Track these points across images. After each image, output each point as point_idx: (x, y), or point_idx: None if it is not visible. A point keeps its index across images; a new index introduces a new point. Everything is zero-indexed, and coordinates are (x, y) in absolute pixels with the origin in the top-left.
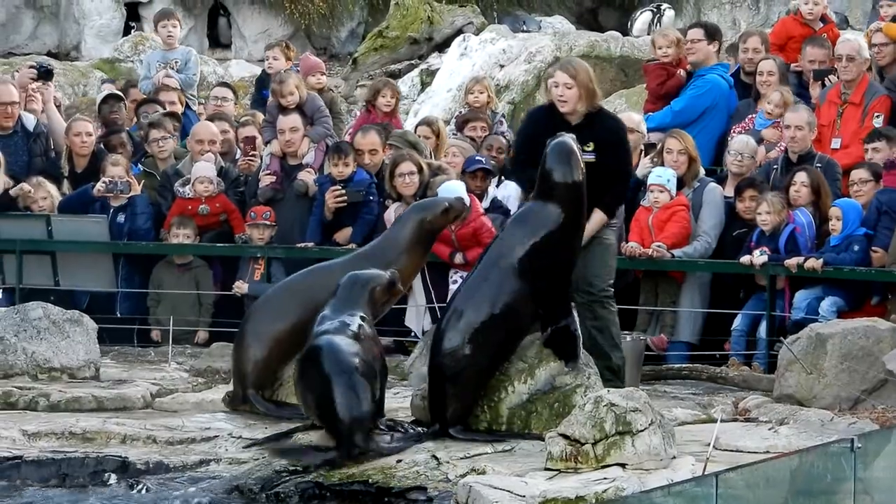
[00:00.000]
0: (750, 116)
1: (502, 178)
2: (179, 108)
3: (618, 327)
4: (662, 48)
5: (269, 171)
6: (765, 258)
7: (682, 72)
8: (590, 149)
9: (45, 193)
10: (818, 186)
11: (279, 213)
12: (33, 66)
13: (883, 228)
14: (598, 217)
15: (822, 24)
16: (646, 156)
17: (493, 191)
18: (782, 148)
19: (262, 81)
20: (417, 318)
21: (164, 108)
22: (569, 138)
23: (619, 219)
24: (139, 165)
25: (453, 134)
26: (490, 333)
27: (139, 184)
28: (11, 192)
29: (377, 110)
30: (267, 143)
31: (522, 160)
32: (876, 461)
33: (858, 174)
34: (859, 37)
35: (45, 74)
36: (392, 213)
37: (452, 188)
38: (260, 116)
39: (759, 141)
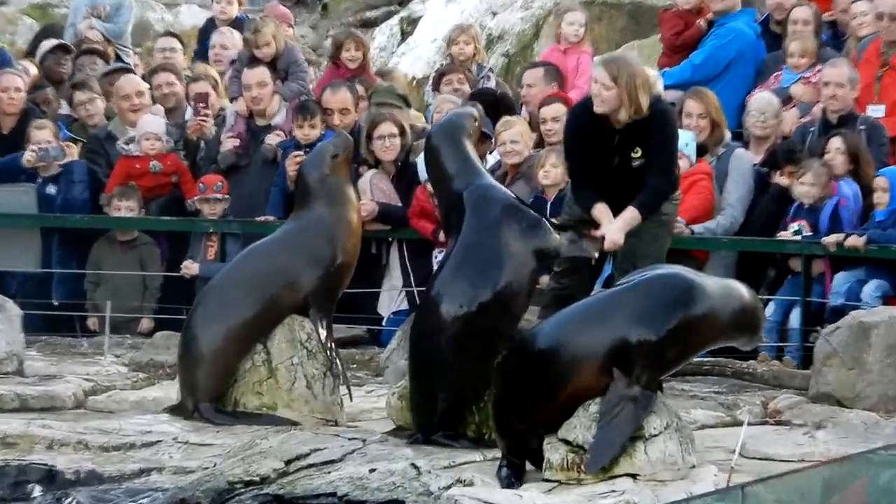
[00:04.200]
0: (776, 74)
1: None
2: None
3: None
4: None
5: (232, 134)
6: (797, 234)
7: (701, 21)
8: (637, 154)
9: None
10: (856, 153)
11: (244, 183)
12: None
13: None
14: (628, 214)
15: None
16: None
17: (490, 158)
18: (819, 108)
19: (206, 31)
20: (392, 303)
21: (108, 62)
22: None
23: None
24: (66, 131)
25: (431, 92)
26: (477, 322)
27: (76, 148)
28: None
29: (343, 66)
30: (232, 99)
31: (574, 170)
32: None
33: None
34: None
35: None
36: (367, 181)
37: None
38: (211, 70)
39: (788, 99)
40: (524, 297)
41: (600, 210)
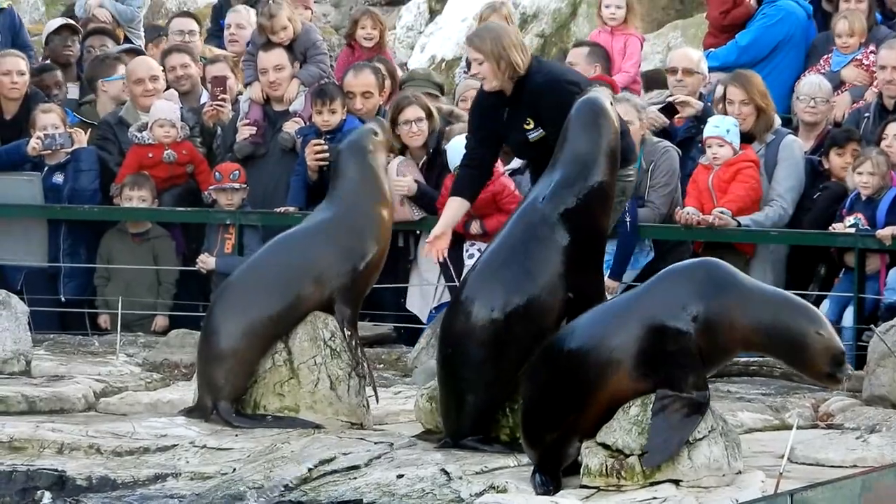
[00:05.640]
0: (826, 56)
1: None
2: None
3: None
4: None
5: (248, 121)
6: (851, 226)
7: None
8: (530, 126)
9: None
10: None
11: (261, 173)
12: None
13: None
14: None
15: None
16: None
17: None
18: (873, 92)
19: (220, 10)
20: (423, 300)
21: (118, 44)
22: (596, 95)
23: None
24: (75, 114)
25: (464, 73)
26: (512, 322)
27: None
28: None
29: (358, 45)
30: (246, 85)
31: (470, 138)
32: None
33: None
34: None
35: None
36: (394, 169)
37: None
38: (227, 53)
39: (840, 84)
40: (559, 309)
41: (449, 205)
